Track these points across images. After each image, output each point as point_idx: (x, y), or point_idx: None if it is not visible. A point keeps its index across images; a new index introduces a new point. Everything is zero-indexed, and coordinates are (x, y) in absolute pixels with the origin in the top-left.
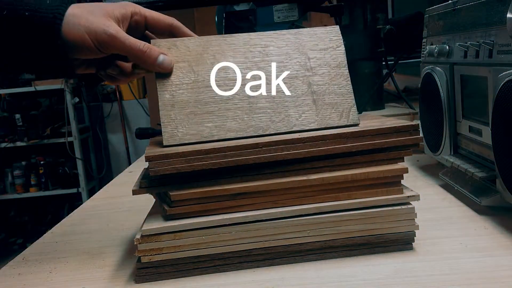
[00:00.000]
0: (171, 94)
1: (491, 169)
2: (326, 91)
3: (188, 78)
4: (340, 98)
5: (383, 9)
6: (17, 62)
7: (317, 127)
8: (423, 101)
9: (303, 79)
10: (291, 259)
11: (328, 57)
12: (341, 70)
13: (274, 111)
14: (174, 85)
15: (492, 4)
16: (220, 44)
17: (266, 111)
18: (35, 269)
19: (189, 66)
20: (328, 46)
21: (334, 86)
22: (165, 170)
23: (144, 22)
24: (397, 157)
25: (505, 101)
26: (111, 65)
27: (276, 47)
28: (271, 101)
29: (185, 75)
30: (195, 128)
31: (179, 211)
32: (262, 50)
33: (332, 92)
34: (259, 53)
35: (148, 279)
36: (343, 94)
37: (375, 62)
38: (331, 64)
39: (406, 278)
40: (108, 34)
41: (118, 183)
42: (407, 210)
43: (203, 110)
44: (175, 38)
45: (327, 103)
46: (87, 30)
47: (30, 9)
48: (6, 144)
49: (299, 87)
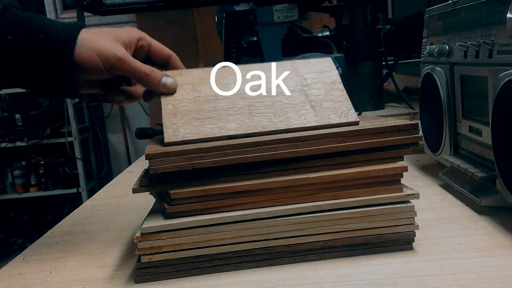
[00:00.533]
0: (174, 106)
1: (491, 169)
2: (323, 100)
3: (191, 95)
4: (338, 104)
5: (383, 9)
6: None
7: (317, 125)
8: (423, 101)
9: (300, 92)
10: (291, 259)
11: (323, 77)
12: (336, 86)
13: (274, 114)
14: (177, 100)
15: (492, 4)
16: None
17: (266, 114)
18: (35, 269)
19: (192, 87)
20: (323, 70)
21: (330, 96)
22: (165, 168)
23: (148, 48)
24: (396, 155)
25: (505, 101)
26: (115, 87)
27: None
28: (271, 107)
29: (188, 93)
30: (196, 128)
31: (179, 209)
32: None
33: (330, 100)
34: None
35: (148, 279)
36: (340, 101)
37: (375, 62)
38: (326, 81)
39: (406, 278)
40: (117, 58)
41: (118, 183)
42: (407, 209)
43: (205, 116)
44: (180, 70)
45: (326, 108)
46: (98, 53)
47: (45, 31)
48: (6, 144)
49: (296, 98)
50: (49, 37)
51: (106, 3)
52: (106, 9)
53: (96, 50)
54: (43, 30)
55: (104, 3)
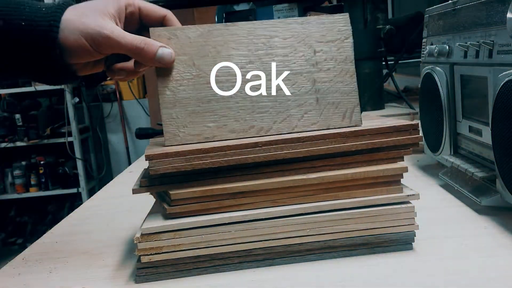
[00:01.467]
0: (172, 91)
1: (491, 169)
2: (330, 89)
3: (189, 73)
4: (344, 97)
5: (383, 9)
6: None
7: (318, 129)
8: (423, 101)
9: (307, 75)
10: (291, 259)
11: (335, 50)
12: (347, 66)
13: (276, 111)
14: (175, 81)
15: (492, 4)
16: (223, 34)
17: (268, 110)
18: (35, 269)
19: (190, 59)
20: (336, 38)
21: (339, 83)
22: (165, 169)
23: (138, 13)
24: (396, 156)
25: (505, 101)
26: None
27: (281, 38)
28: (273, 100)
29: (186, 70)
30: (198, 128)
31: (179, 210)
32: (266, 41)
33: (337, 91)
34: (263, 45)
35: (148, 279)
36: (347, 92)
37: (375, 62)
38: (337, 58)
39: (406, 278)
40: (104, 36)
41: (118, 183)
42: (407, 209)
43: (205, 109)
44: (176, 27)
45: (330, 103)
46: (83, 34)
47: (27, 19)
48: (6, 144)
49: (302, 84)
50: (31, 24)
51: None
52: None
53: (80, 31)
54: (25, 17)
55: None
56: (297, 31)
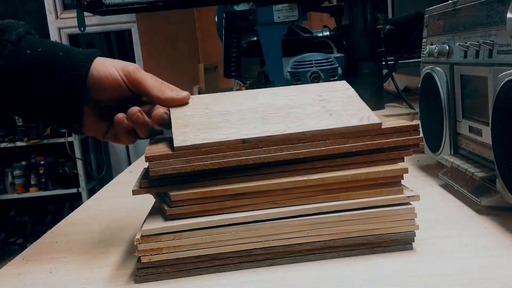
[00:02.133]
0: (184, 120)
1: (491, 169)
2: (341, 110)
3: (202, 112)
4: (358, 111)
5: (383, 9)
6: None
7: (338, 127)
8: (423, 101)
9: (316, 104)
10: (291, 259)
11: (339, 93)
12: (354, 99)
13: (290, 121)
14: (188, 116)
15: (492, 4)
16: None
17: (281, 121)
18: (35, 269)
19: (203, 106)
20: (337, 88)
21: (349, 107)
22: (165, 170)
23: None
24: (397, 157)
25: (505, 101)
26: None
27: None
28: (286, 116)
29: (199, 110)
30: (209, 134)
31: (179, 211)
32: (270, 96)
33: (348, 110)
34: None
35: (148, 279)
36: (360, 109)
37: (375, 62)
38: (342, 97)
39: (406, 278)
40: (134, 66)
41: (118, 183)
42: (407, 210)
43: (217, 126)
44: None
45: (345, 115)
46: (115, 65)
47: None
48: (6, 144)
49: (313, 108)
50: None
51: (106, 3)
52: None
53: (113, 63)
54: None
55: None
56: (299, 89)
